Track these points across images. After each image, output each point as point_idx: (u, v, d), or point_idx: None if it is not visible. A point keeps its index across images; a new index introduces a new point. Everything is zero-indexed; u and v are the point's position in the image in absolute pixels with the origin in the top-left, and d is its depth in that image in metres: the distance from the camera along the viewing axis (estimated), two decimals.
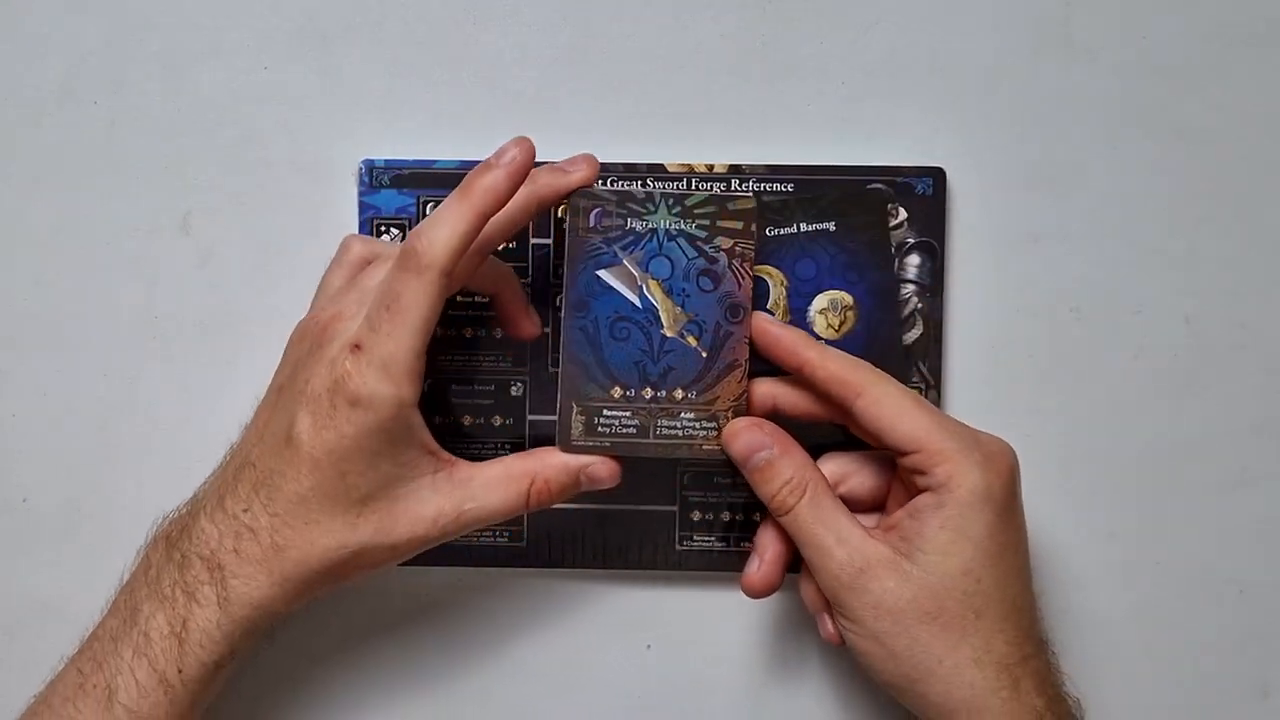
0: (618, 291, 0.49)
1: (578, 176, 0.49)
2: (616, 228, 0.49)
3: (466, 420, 0.55)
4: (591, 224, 0.49)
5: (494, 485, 0.48)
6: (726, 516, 0.55)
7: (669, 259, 0.49)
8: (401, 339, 0.45)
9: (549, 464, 0.49)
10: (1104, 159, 0.56)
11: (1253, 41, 0.56)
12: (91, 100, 0.55)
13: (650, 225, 0.49)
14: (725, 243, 0.49)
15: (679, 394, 0.50)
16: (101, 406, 0.56)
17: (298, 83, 0.55)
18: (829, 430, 0.52)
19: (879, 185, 0.54)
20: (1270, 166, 0.56)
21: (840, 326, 0.54)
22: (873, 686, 0.56)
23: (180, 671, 0.46)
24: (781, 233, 0.53)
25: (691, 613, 0.56)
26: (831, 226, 0.53)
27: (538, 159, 0.49)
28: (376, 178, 0.54)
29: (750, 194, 0.51)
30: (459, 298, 0.54)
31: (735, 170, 0.54)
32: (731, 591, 0.56)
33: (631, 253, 0.49)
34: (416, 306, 0.45)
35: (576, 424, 0.49)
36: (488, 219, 0.46)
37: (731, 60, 0.55)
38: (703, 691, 0.56)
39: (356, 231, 0.54)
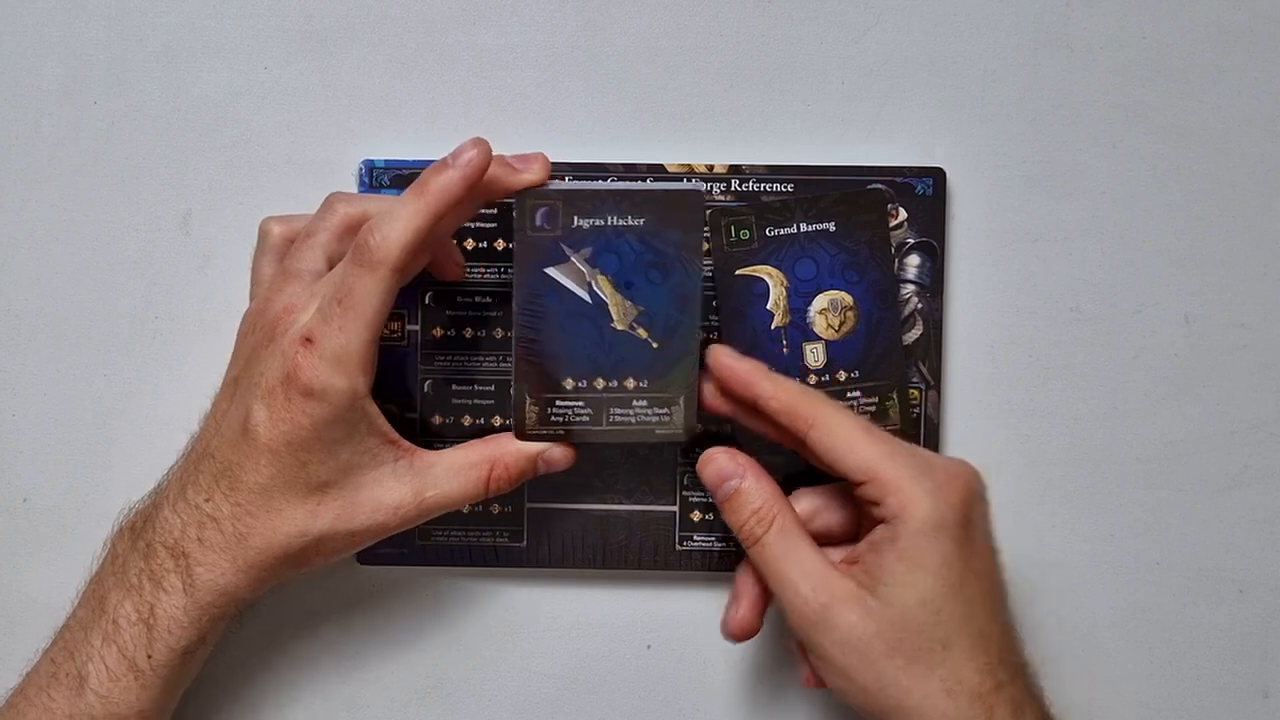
0: (566, 288, 0.49)
1: (527, 177, 0.49)
2: (563, 226, 0.49)
3: (466, 420, 0.55)
4: (539, 223, 0.49)
5: (455, 472, 0.49)
6: None
7: (617, 254, 0.49)
8: (354, 333, 0.46)
9: (507, 450, 0.50)
10: (1104, 159, 0.56)
11: (1253, 41, 0.56)
12: (91, 100, 0.55)
13: (597, 222, 0.49)
14: (673, 235, 0.49)
15: (631, 383, 0.50)
16: (101, 406, 0.56)
17: (298, 83, 0.55)
18: (799, 461, 0.52)
19: (879, 185, 0.54)
20: (1270, 166, 0.56)
21: (840, 327, 0.54)
22: None
23: (150, 657, 0.47)
24: (781, 233, 0.53)
25: (691, 613, 0.56)
26: (831, 227, 0.53)
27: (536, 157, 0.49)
28: (376, 178, 0.54)
29: (697, 184, 0.50)
30: (459, 298, 0.54)
31: (735, 170, 0.54)
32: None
33: (579, 250, 0.49)
34: (368, 301, 0.46)
35: (530, 414, 0.50)
36: (441, 218, 0.47)
37: (731, 60, 0.55)
38: (703, 691, 0.56)
39: None
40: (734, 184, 0.54)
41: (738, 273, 0.53)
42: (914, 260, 0.55)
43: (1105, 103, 0.56)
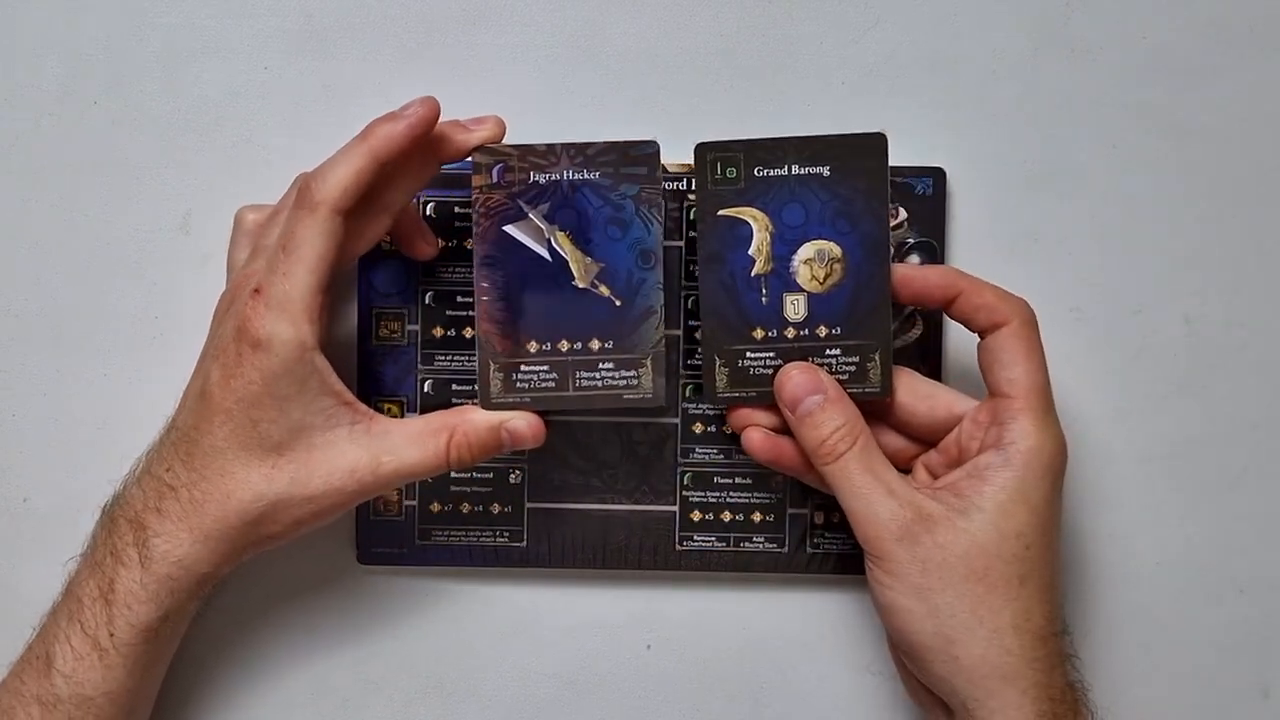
0: (526, 246, 0.49)
1: (480, 134, 0.49)
2: (520, 182, 0.49)
3: None
4: (495, 180, 0.49)
5: (413, 439, 0.48)
6: (726, 516, 0.55)
7: (575, 210, 0.49)
8: (297, 277, 0.46)
9: (469, 419, 0.49)
10: (1104, 159, 0.56)
11: (1253, 41, 0.56)
12: (91, 100, 0.55)
13: (554, 177, 0.49)
14: (630, 189, 0.49)
15: (595, 344, 0.50)
16: (101, 406, 0.56)
17: (298, 83, 0.55)
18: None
19: (881, 131, 0.50)
20: (1270, 166, 0.56)
21: (825, 279, 0.50)
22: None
23: (111, 635, 0.47)
24: (771, 174, 0.50)
25: (691, 613, 0.56)
26: (826, 171, 0.50)
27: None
28: None
29: (652, 138, 0.49)
30: (459, 298, 0.54)
31: None
32: (731, 591, 0.56)
33: (537, 206, 0.49)
34: (309, 243, 0.46)
35: (495, 381, 0.50)
36: (382, 164, 0.47)
37: (731, 60, 0.55)
38: (703, 691, 0.56)
39: None
40: None
41: (720, 213, 0.50)
42: (914, 260, 0.54)
43: (1105, 103, 0.56)
